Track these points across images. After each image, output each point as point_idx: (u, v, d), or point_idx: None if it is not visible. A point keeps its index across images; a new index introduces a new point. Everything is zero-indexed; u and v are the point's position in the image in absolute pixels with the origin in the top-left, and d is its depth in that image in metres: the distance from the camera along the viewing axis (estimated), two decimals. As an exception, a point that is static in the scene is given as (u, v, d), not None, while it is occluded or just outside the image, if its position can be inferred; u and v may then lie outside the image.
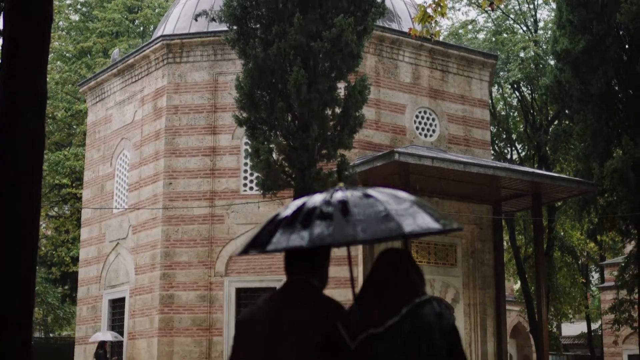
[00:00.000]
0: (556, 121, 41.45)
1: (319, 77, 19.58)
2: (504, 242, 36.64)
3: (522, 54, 39.85)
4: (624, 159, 26.89)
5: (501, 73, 40.84)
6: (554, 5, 32.28)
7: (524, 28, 43.86)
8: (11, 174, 6.01)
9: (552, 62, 34.86)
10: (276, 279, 25.31)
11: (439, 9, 15.34)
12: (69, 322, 46.12)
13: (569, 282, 49.01)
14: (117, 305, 28.29)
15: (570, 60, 28.78)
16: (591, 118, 28.51)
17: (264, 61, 19.37)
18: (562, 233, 45.52)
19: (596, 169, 27.81)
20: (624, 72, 28.79)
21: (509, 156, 45.33)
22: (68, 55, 45.16)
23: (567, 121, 34.35)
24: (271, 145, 19.69)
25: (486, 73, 29.56)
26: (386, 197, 4.42)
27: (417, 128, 27.42)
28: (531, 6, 43.65)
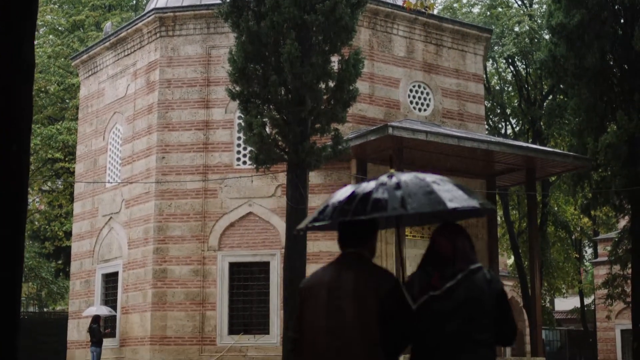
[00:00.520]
0: (550, 96, 41.39)
1: (313, 51, 19.45)
2: (498, 217, 36.64)
3: (517, 28, 39.73)
4: (619, 134, 26.84)
5: (496, 47, 40.69)
6: (549, -21, 32.09)
7: (519, 2, 43.72)
8: (-2, 147, 5.91)
9: (547, 37, 34.77)
10: (269, 253, 25.30)
11: (434, -18, 15.22)
12: (63, 297, 46.07)
13: (563, 257, 49.10)
14: (110, 279, 28.26)
15: (565, 34, 28.66)
16: (586, 93, 28.43)
17: (257, 34, 19.22)
18: (556, 208, 45.57)
19: (590, 144, 27.77)
20: (619, 47, 28.69)
21: (503, 131, 45.28)
22: (60, 28, 44.87)
23: (562, 96, 34.30)
24: (264, 119, 19.58)
25: (481, 47, 29.43)
26: (433, 179, 5.18)
27: (411, 102, 27.32)
28: (526, -20, 43.50)
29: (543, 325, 42.96)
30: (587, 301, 60.64)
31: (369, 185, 5.12)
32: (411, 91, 27.38)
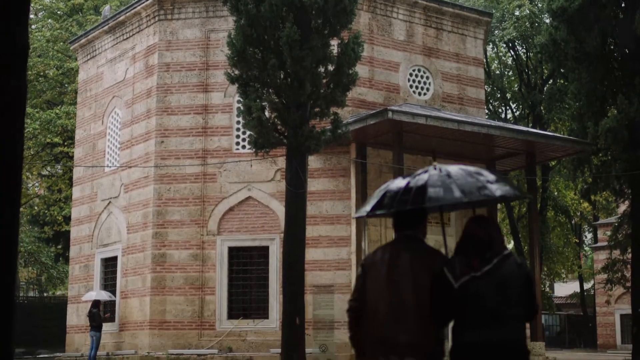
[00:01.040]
0: (551, 80, 41.30)
1: (312, 34, 19.34)
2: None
3: (517, 12, 39.59)
4: (619, 118, 26.74)
5: (496, 31, 40.56)
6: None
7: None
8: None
9: (548, 20, 34.63)
10: (268, 238, 25.25)
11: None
12: (63, 282, 46.12)
13: (562, 242, 49.14)
14: (110, 264, 28.22)
15: (565, 18, 28.53)
16: (586, 77, 28.32)
17: (256, 17, 19.11)
18: (556, 193, 45.55)
19: (591, 128, 27.68)
20: (620, 31, 28.54)
21: (504, 115, 45.22)
22: (59, 12, 44.66)
23: (562, 80, 34.20)
24: (263, 102, 19.50)
25: (481, 31, 29.30)
26: (477, 170, 6.05)
27: (411, 86, 27.21)
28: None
29: (542, 310, 42.98)
30: (587, 286, 60.71)
31: (422, 177, 5.94)
32: (411, 75, 27.27)
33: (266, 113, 19.75)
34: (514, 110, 46.10)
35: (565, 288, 62.49)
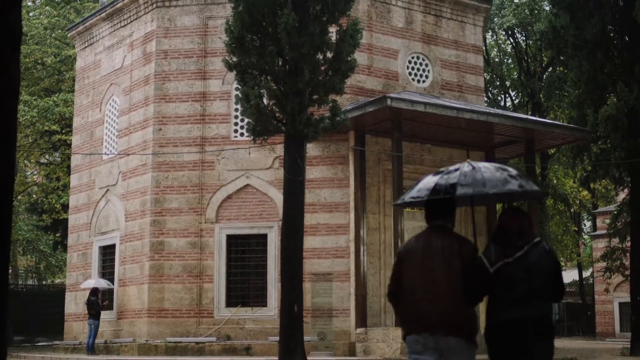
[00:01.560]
0: (550, 68, 41.21)
1: (310, 21, 19.22)
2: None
3: (517, 0, 39.43)
4: (619, 106, 26.65)
5: (495, 19, 40.42)
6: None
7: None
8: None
9: (547, 8, 34.49)
10: (267, 226, 25.19)
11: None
12: (61, 270, 46.06)
13: (561, 230, 49.11)
14: (108, 252, 28.16)
15: (565, 5, 28.41)
16: (586, 64, 28.21)
17: (254, 4, 18.96)
18: (555, 181, 45.48)
19: (590, 116, 27.58)
20: (620, 18, 28.44)
21: (503, 103, 45.13)
22: None
23: (562, 68, 34.08)
24: (261, 90, 19.39)
25: (480, 18, 29.17)
26: (503, 167, 6.88)
27: (410, 74, 27.10)
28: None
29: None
30: (586, 274, 60.72)
31: (454, 172, 6.75)
32: (410, 62, 27.15)
33: (264, 100, 19.64)
34: (513, 98, 46.02)
35: (564, 276, 62.39)
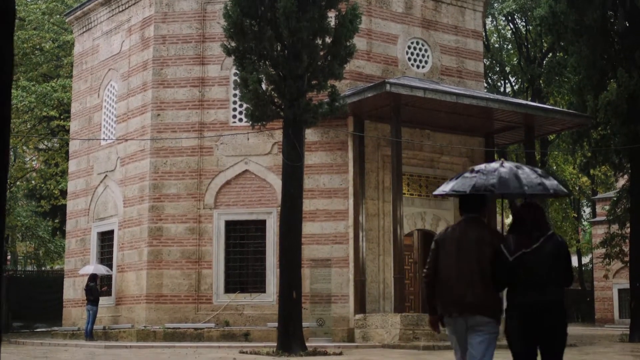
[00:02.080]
0: (550, 54, 41.05)
1: (309, 5, 19.11)
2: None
3: (517, -15, 39.25)
4: (619, 92, 26.53)
5: (495, 5, 40.26)
6: None
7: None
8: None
9: (547, -7, 34.23)
10: (265, 212, 25.12)
11: None
12: (60, 256, 45.93)
13: (561, 217, 49.05)
14: (106, 237, 28.10)
15: (565, -10, 28.23)
16: (586, 50, 28.07)
17: (253, -12, 18.88)
18: (555, 167, 45.42)
19: (590, 102, 27.46)
20: (620, 3, 28.27)
21: (502, 89, 45.00)
22: (55, -15, 44.28)
23: (562, 53, 33.93)
24: (260, 75, 19.29)
25: (480, 4, 29.02)
26: (534, 168, 7.78)
27: (409, 59, 26.98)
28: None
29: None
30: (585, 260, 60.70)
31: (493, 174, 7.49)
32: (409, 48, 27.03)
33: (263, 86, 19.55)
34: (513, 83, 45.89)
35: (564, 262, 62.44)
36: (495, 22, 44.97)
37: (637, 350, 22.71)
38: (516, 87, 45.11)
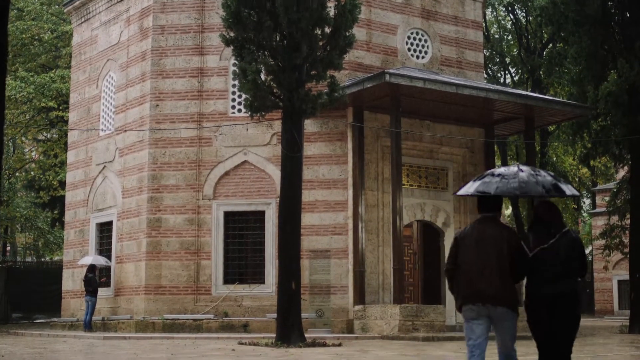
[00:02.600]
0: (550, 44, 40.94)
1: (308, -5, 19.00)
2: (496, 167, 36.36)
3: (517, -25, 39.12)
4: (619, 82, 26.42)
5: (495, -5, 40.11)
6: None
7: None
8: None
9: (548, -17, 34.09)
10: (264, 202, 25.06)
11: None
12: (60, 247, 45.86)
13: (561, 208, 48.88)
14: (105, 228, 28.04)
15: (566, -20, 28.10)
16: (586, 40, 27.95)
17: (251, -22, 18.78)
18: (555, 158, 45.36)
19: (591, 92, 27.35)
20: (621, -7, 28.17)
21: (502, 80, 44.91)
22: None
23: (562, 44, 33.79)
24: (259, 65, 19.20)
25: (480, -7, 28.91)
26: (550, 173, 8.47)
27: (409, 49, 26.88)
28: None
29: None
30: (585, 252, 60.67)
31: (514, 179, 8.14)
32: (409, 38, 26.92)
33: (262, 76, 19.47)
34: (513, 74, 45.80)
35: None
36: (495, 13, 44.86)
37: (637, 341, 22.67)
38: (516, 78, 45.00)
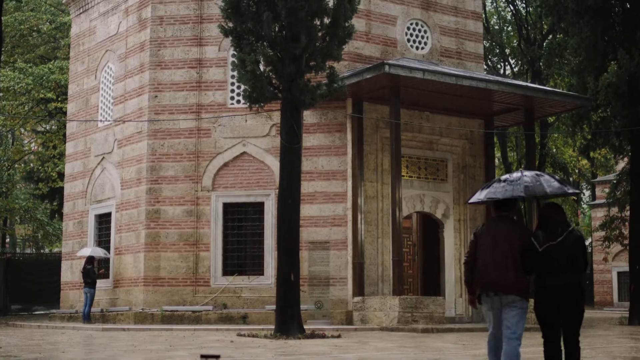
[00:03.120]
0: (550, 35, 40.85)
1: (307, -15, 18.91)
2: (496, 159, 36.32)
3: (517, -34, 39.02)
4: (619, 73, 26.32)
5: (495, -14, 39.99)
6: None
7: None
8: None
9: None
10: (263, 194, 25.00)
11: None
12: (59, 238, 45.84)
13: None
14: (103, 220, 27.98)
15: (566, -29, 28.00)
16: (587, 31, 27.85)
17: (250, -32, 18.69)
18: (554, 149, 45.29)
19: (590, 83, 27.27)
20: (621, -16, 28.08)
21: (502, 71, 44.83)
22: (52, -34, 44.00)
23: (562, 35, 33.69)
24: (258, 56, 19.12)
25: (480, -16, 28.80)
26: (553, 175, 9.46)
27: (409, 40, 26.78)
28: None
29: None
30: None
31: (518, 180, 9.10)
32: (408, 29, 26.82)
33: (261, 67, 19.39)
34: (513, 66, 45.71)
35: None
36: (495, 4, 44.77)
37: (637, 333, 22.65)
38: (516, 69, 44.92)
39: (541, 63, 39.54)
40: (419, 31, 27.04)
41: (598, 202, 50.04)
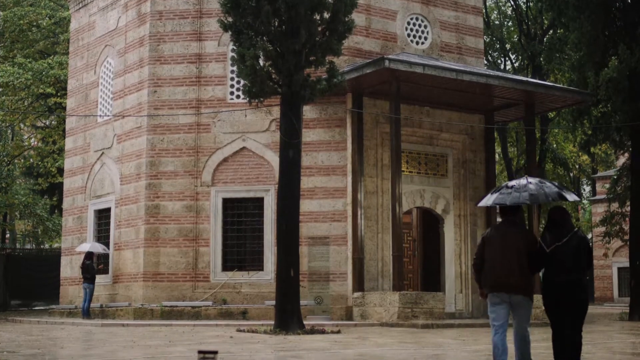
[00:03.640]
0: (551, 31, 40.77)
1: (307, -21, 18.84)
2: (496, 154, 36.25)
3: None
4: (620, 68, 26.27)
5: (496, -19, 39.90)
6: None
7: None
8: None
9: (548, -31, 33.89)
10: (263, 189, 24.96)
11: None
12: (59, 234, 45.83)
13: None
14: (103, 215, 27.93)
15: (567, -34, 27.92)
16: (587, 26, 27.78)
17: (250, -38, 18.62)
18: (555, 145, 45.23)
19: (591, 79, 27.21)
20: (622, -21, 28.00)
21: (503, 66, 44.75)
22: (52, -39, 43.90)
23: (562, 30, 33.62)
24: (257, 51, 19.05)
25: (480, -21, 28.71)
26: (554, 182, 10.26)
27: (409, 35, 26.71)
28: None
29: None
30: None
31: (524, 188, 9.86)
32: (409, 24, 26.75)
33: (260, 61, 19.33)
34: (513, 61, 45.63)
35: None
36: (495, -1, 44.65)
37: (637, 328, 22.60)
38: (516, 64, 44.85)
39: (542, 58, 39.47)
40: (419, 26, 26.96)
41: (598, 198, 50.01)
